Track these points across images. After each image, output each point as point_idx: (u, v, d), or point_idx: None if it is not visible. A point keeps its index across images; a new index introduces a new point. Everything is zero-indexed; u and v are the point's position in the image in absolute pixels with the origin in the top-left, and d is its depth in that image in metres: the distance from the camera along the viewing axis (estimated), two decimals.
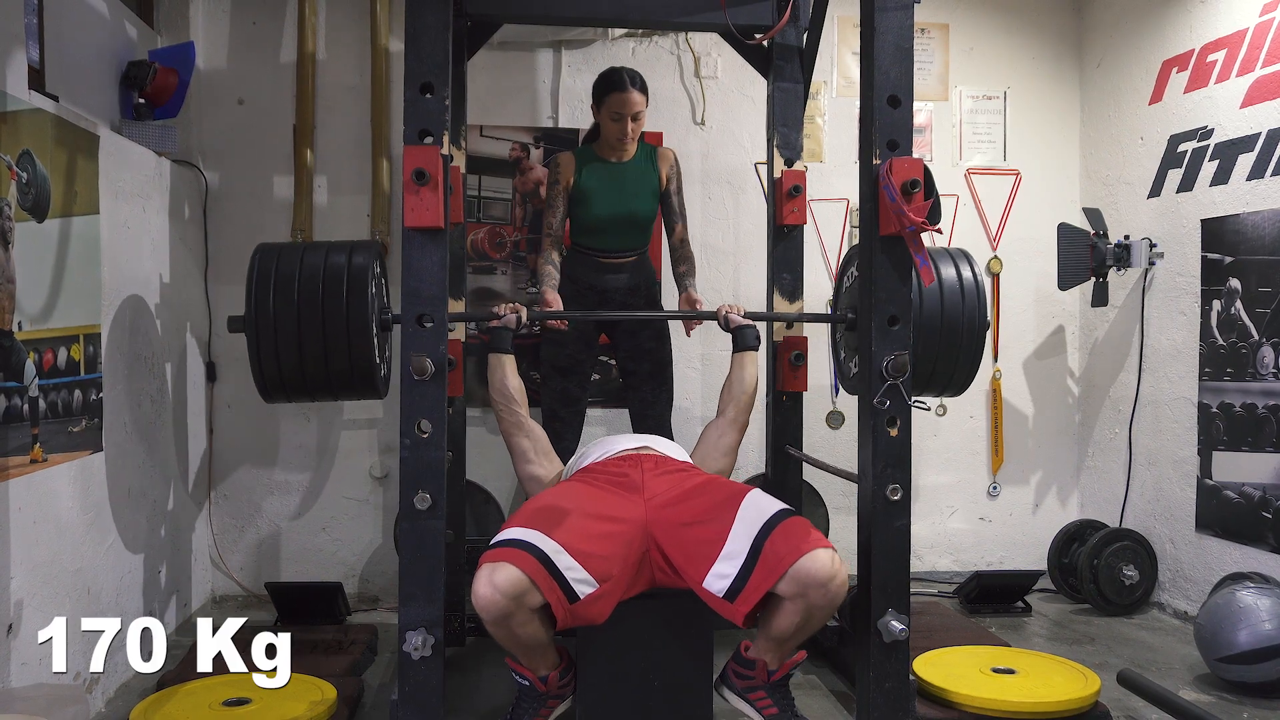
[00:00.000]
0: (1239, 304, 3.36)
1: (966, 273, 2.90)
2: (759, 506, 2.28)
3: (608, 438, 2.79)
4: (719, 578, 2.21)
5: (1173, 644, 3.35)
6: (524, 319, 2.77)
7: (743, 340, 2.87)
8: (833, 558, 2.14)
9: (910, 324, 2.34)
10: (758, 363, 2.89)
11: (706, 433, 2.84)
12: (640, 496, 2.39)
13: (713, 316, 2.92)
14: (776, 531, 2.19)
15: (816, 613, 2.17)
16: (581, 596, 2.16)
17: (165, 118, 3.33)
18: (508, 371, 2.73)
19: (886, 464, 2.31)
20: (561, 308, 3.25)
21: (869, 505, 2.35)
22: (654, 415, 3.50)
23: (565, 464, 2.77)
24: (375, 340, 2.63)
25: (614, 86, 3.25)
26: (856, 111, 3.48)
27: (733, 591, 2.19)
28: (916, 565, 4.11)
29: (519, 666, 2.29)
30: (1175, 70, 3.71)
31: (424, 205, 2.20)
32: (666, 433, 3.53)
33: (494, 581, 2.07)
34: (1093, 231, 3.82)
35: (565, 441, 3.41)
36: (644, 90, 3.28)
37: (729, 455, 2.79)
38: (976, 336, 2.87)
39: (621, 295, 3.45)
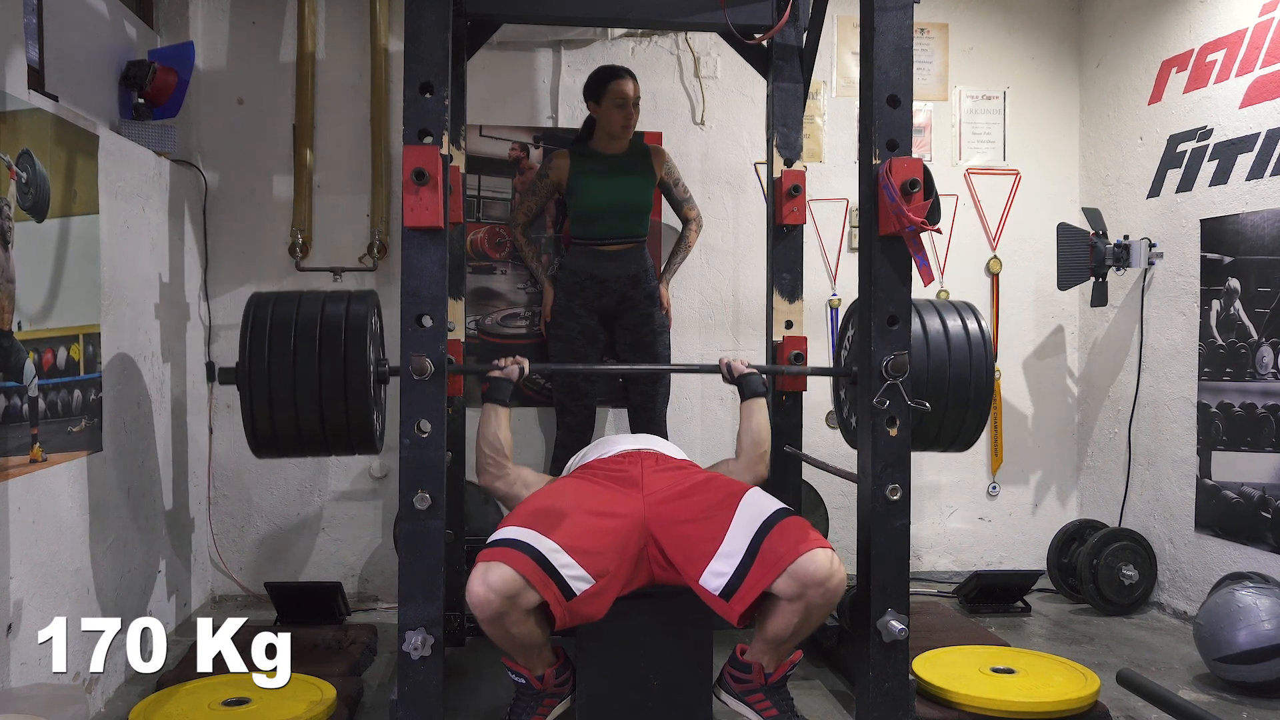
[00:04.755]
0: (1238, 304, 3.36)
1: (973, 325, 2.83)
2: (758, 505, 2.29)
3: (609, 437, 2.79)
4: (715, 575, 2.21)
5: (1172, 644, 3.36)
6: (525, 371, 2.68)
7: (748, 388, 2.72)
8: (831, 557, 2.14)
9: (909, 324, 2.34)
10: (766, 411, 2.74)
11: (721, 469, 2.72)
12: (639, 492, 2.39)
13: (715, 370, 2.83)
14: (774, 531, 2.19)
15: (815, 612, 2.18)
16: (578, 593, 2.16)
17: (165, 117, 3.33)
18: (503, 424, 2.62)
19: (886, 464, 2.31)
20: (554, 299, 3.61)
21: (869, 505, 2.35)
22: (652, 410, 3.61)
23: (570, 460, 2.77)
24: (372, 394, 2.57)
25: (614, 75, 3.46)
26: (856, 111, 3.48)
27: (729, 590, 2.19)
28: (916, 565, 4.11)
29: (514, 665, 2.30)
30: (1175, 70, 3.71)
31: (424, 205, 2.19)
32: (661, 429, 3.60)
33: (488, 581, 2.08)
34: (1092, 231, 3.82)
35: (576, 435, 3.55)
36: (636, 81, 3.51)
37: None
38: (984, 393, 2.81)
39: (621, 285, 3.55)
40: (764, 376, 2.81)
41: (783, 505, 2.30)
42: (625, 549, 2.28)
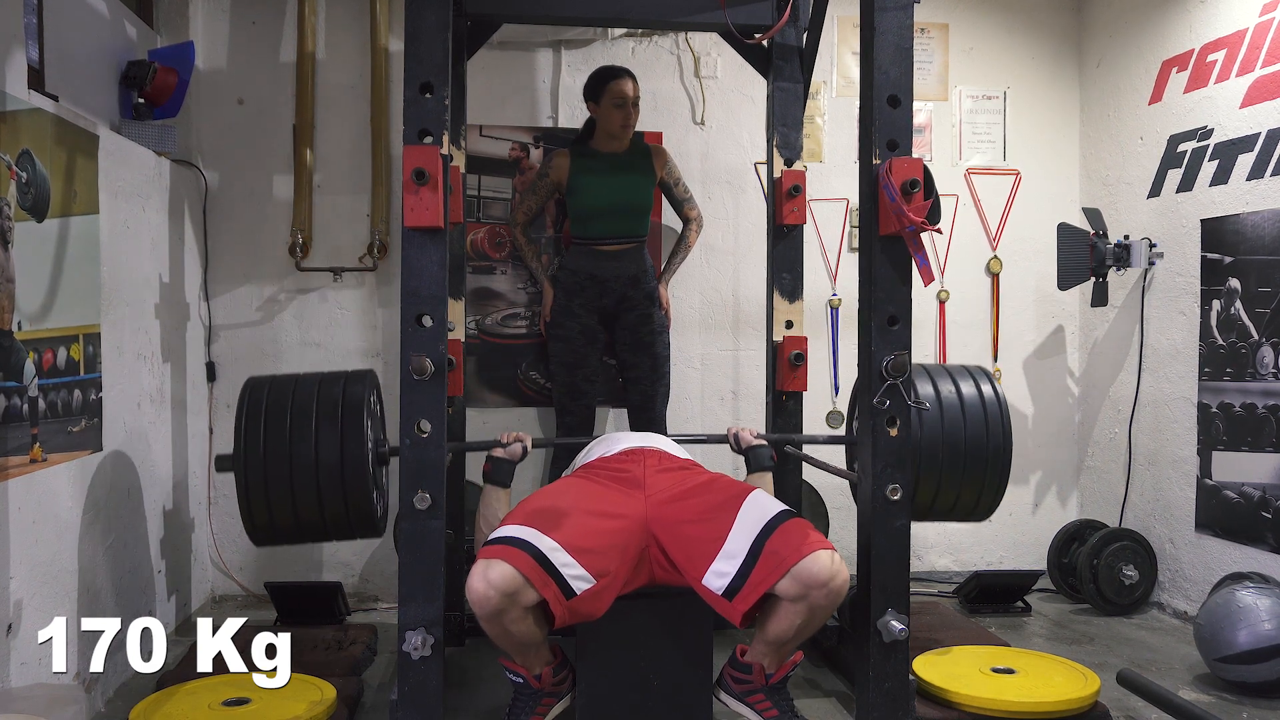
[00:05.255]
0: (1239, 304, 3.36)
1: (987, 389, 2.76)
2: (760, 507, 2.29)
3: (611, 435, 2.79)
4: (718, 576, 2.21)
5: (1172, 644, 3.36)
6: (528, 449, 2.66)
7: (756, 461, 2.71)
8: (833, 558, 2.14)
9: (909, 324, 2.34)
10: (773, 484, 2.71)
11: None
12: (641, 492, 2.39)
13: (722, 440, 2.81)
14: (777, 532, 2.19)
15: (817, 614, 2.18)
16: (578, 593, 2.17)
17: (165, 117, 3.34)
18: (502, 506, 2.60)
19: (886, 464, 2.31)
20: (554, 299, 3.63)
21: (869, 505, 2.35)
22: (651, 410, 3.62)
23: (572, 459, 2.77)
24: (372, 476, 2.55)
25: (613, 75, 3.47)
26: (856, 111, 3.49)
27: (731, 590, 2.19)
28: (916, 565, 4.11)
29: (512, 664, 2.30)
30: (1175, 70, 3.71)
31: (424, 205, 2.19)
32: (662, 429, 3.61)
33: (488, 578, 2.08)
34: (1092, 231, 3.82)
35: (577, 435, 3.52)
36: (635, 80, 3.52)
37: None
38: (1002, 462, 2.74)
39: (621, 285, 3.56)
40: (771, 450, 2.75)
41: (786, 507, 2.30)
42: (626, 549, 2.28)
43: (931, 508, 2.82)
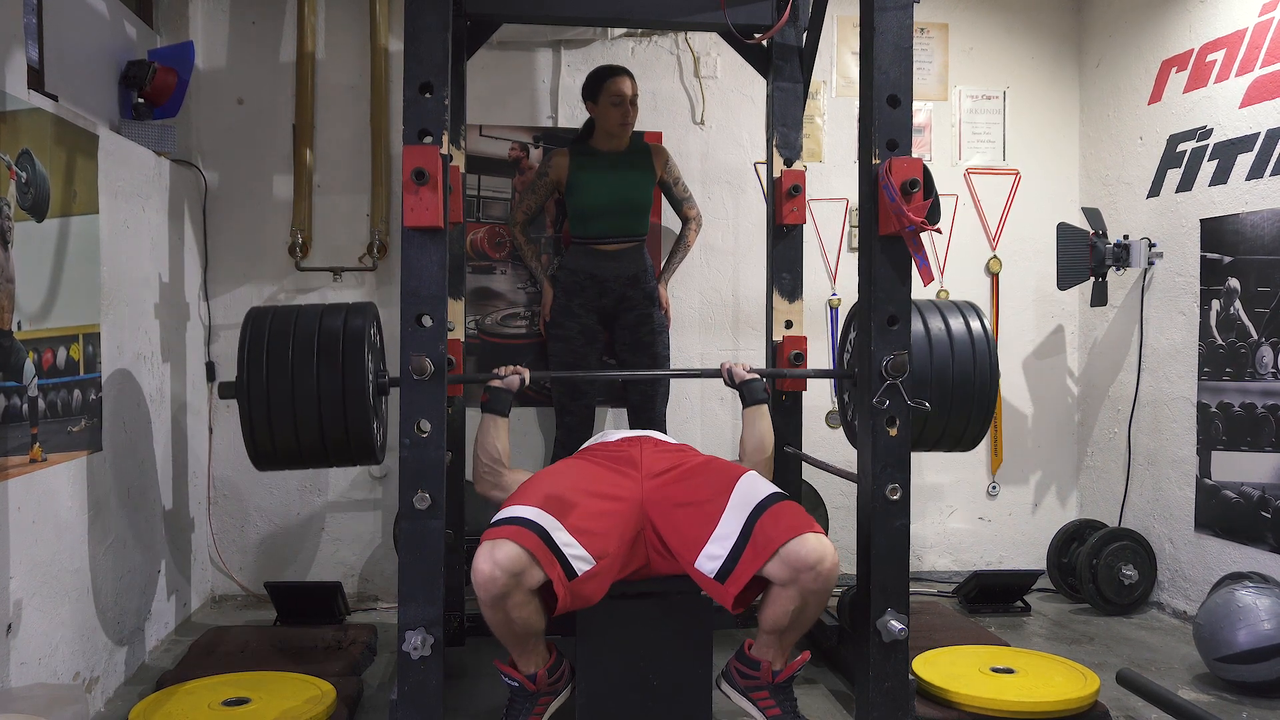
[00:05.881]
0: (1238, 304, 3.36)
1: (975, 325, 2.82)
2: (752, 489, 2.29)
3: (610, 430, 2.80)
4: (710, 559, 2.22)
5: (1172, 644, 3.36)
6: (526, 381, 2.67)
7: (750, 395, 2.72)
8: (821, 541, 2.14)
9: (909, 324, 2.34)
10: (769, 417, 2.73)
11: None
12: (638, 472, 2.41)
13: (715, 374, 2.82)
14: (766, 514, 2.20)
15: (810, 599, 2.17)
16: (580, 573, 2.17)
17: (164, 117, 3.34)
18: (502, 434, 2.63)
19: (886, 464, 2.31)
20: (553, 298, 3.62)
21: (868, 505, 2.35)
22: (651, 410, 3.62)
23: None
24: (372, 406, 2.58)
25: (611, 73, 3.47)
26: (856, 111, 3.49)
27: (723, 572, 2.20)
28: (916, 565, 4.12)
29: (507, 668, 2.30)
30: (1174, 70, 3.71)
31: (423, 205, 2.20)
32: (661, 429, 3.62)
33: (495, 558, 2.07)
34: (1092, 231, 3.83)
35: (576, 435, 3.56)
36: (633, 79, 3.51)
37: None
38: (987, 392, 2.80)
39: (620, 285, 3.56)
40: (765, 382, 2.78)
41: (777, 490, 2.31)
42: (624, 532, 2.29)
43: (920, 437, 2.84)
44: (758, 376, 2.75)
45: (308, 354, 2.51)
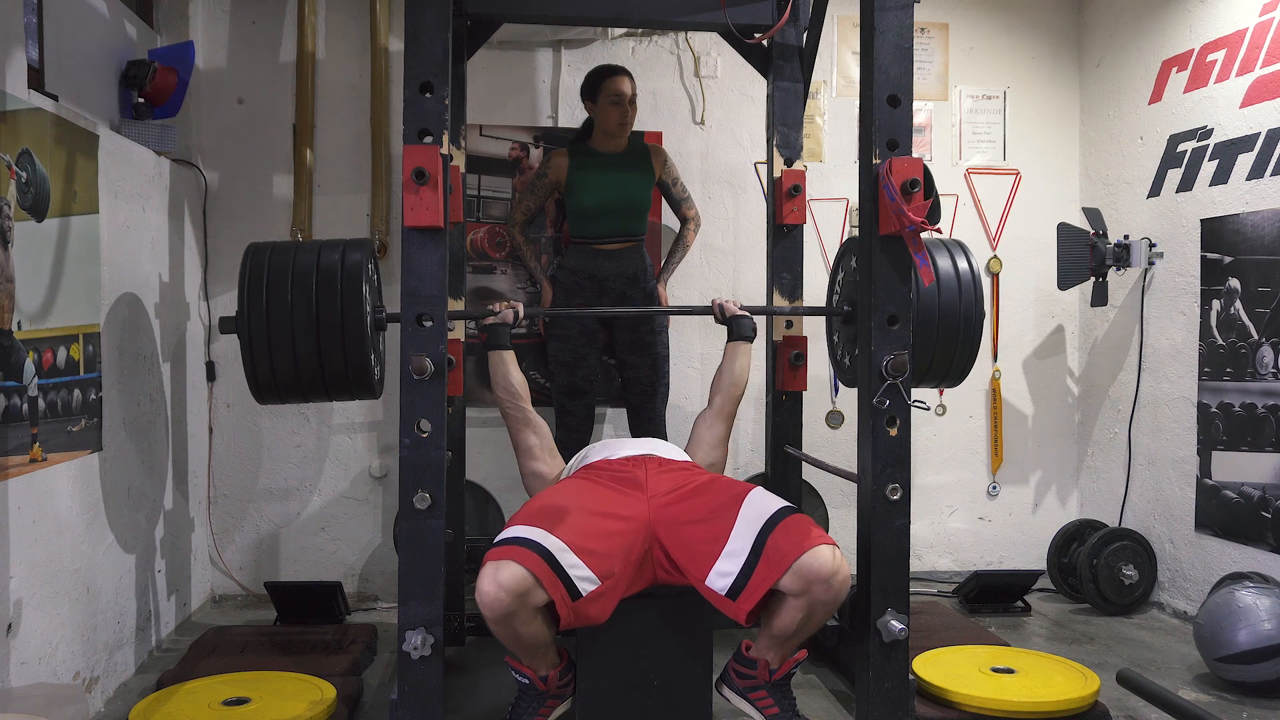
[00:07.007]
0: (1238, 304, 3.36)
1: (963, 263, 2.89)
2: (761, 505, 2.29)
3: (611, 440, 2.80)
4: (721, 576, 2.21)
5: (1172, 644, 3.36)
6: (520, 314, 2.77)
7: (738, 330, 2.86)
8: (834, 553, 2.14)
9: (910, 323, 2.34)
10: (750, 355, 2.87)
11: (697, 426, 2.85)
12: (643, 494, 2.40)
13: (708, 311, 2.93)
14: (778, 529, 2.19)
15: (819, 609, 2.18)
16: (584, 594, 2.16)
17: (165, 117, 3.34)
18: (510, 367, 2.73)
19: (886, 464, 2.31)
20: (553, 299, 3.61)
21: (868, 505, 2.35)
22: (651, 410, 3.61)
23: (570, 460, 2.78)
24: (370, 340, 2.62)
25: (609, 72, 3.47)
26: (856, 111, 3.49)
27: (735, 589, 2.19)
28: (916, 565, 4.11)
29: (519, 665, 2.30)
30: (1175, 70, 3.71)
31: (423, 205, 2.19)
32: (661, 428, 3.62)
33: (498, 579, 2.07)
34: (1092, 231, 3.83)
35: (576, 435, 3.54)
36: (632, 78, 3.51)
37: (720, 447, 2.79)
38: (974, 326, 2.86)
39: (619, 284, 3.56)
40: (754, 321, 2.89)
41: (786, 504, 2.31)
42: (630, 551, 2.28)
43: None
44: (748, 314, 2.88)
45: (307, 287, 2.54)
